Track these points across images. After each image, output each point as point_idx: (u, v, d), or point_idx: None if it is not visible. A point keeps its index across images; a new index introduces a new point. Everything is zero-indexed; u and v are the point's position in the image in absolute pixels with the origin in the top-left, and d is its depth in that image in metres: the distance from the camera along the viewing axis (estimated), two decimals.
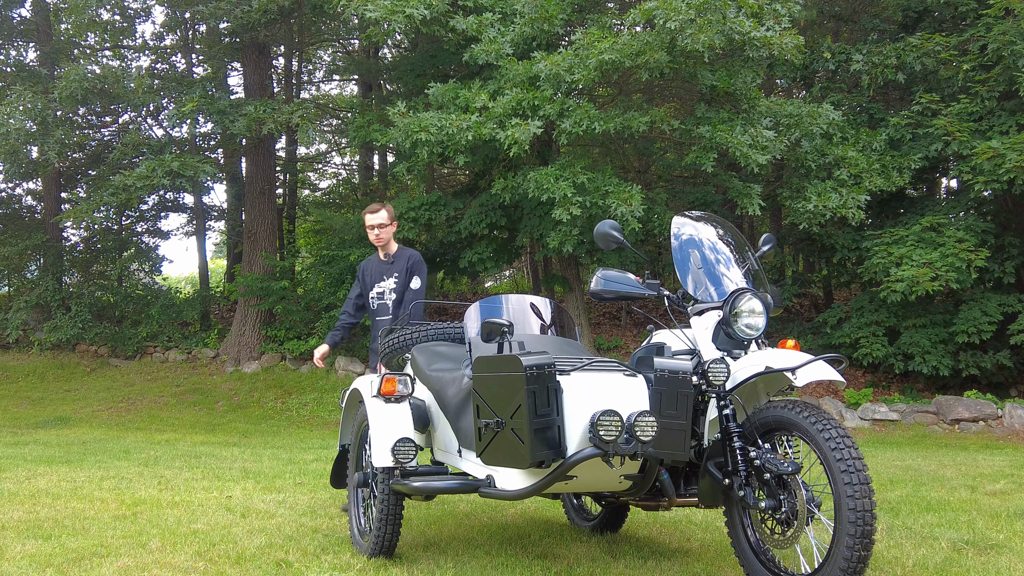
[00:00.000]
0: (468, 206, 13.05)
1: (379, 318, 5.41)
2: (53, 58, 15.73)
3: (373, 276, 5.45)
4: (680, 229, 3.78)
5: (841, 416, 11.80)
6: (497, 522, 4.94)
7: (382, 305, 5.42)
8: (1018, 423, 11.23)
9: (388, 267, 5.44)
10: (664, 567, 3.81)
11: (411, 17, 10.57)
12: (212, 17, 13.33)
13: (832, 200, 11.24)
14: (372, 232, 5.40)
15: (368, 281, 5.46)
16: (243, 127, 13.25)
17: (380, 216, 5.39)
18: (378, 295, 5.42)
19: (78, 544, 4.18)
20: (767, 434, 3.28)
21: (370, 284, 5.45)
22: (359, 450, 4.34)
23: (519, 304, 4.25)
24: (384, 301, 5.40)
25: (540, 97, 10.34)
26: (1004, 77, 11.84)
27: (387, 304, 5.39)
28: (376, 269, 5.47)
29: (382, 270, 5.45)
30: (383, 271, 5.44)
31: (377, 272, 5.45)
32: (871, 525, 2.92)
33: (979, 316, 11.97)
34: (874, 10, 14.81)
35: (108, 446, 9.44)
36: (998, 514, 5.15)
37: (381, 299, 5.41)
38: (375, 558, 3.91)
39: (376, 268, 5.47)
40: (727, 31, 9.86)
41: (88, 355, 15.95)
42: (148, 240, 19.11)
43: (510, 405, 3.13)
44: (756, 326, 3.47)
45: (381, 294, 5.41)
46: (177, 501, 5.57)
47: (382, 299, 5.41)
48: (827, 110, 11.57)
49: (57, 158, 14.07)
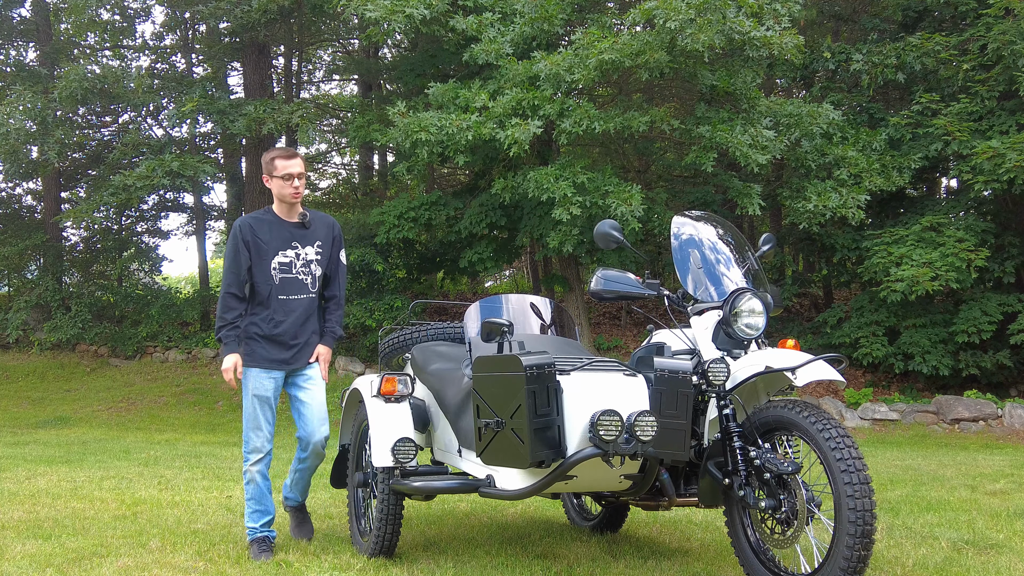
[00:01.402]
0: (468, 206, 13.05)
1: (288, 297, 4.10)
2: (53, 58, 15.74)
3: (274, 240, 4.11)
4: (680, 229, 3.78)
5: (841, 416, 11.80)
6: (497, 522, 4.94)
7: (291, 280, 4.11)
8: (1018, 423, 11.23)
9: (302, 231, 4.16)
10: (664, 567, 3.81)
11: (411, 17, 10.57)
12: (212, 17, 13.34)
13: (832, 200, 11.24)
14: (290, 184, 4.09)
15: (264, 247, 4.09)
16: (243, 127, 13.26)
17: (299, 163, 4.16)
18: (284, 266, 4.10)
19: (78, 544, 4.18)
20: (767, 434, 3.28)
21: (269, 250, 4.09)
22: (359, 450, 4.34)
23: (519, 304, 4.25)
24: (295, 275, 4.11)
25: (540, 97, 10.34)
26: (1004, 77, 11.84)
27: (303, 280, 4.13)
28: (279, 232, 4.13)
29: (291, 234, 4.14)
30: (293, 236, 4.14)
31: (281, 236, 4.13)
32: (871, 525, 2.92)
33: (979, 316, 11.97)
34: (874, 10, 14.81)
35: (108, 446, 9.44)
36: (998, 514, 5.15)
37: (289, 271, 4.11)
38: (375, 558, 3.91)
39: (279, 231, 4.13)
40: (727, 31, 9.86)
41: (88, 355, 15.95)
42: (148, 240, 19.12)
43: (510, 405, 3.13)
44: (756, 326, 3.46)
45: (288, 265, 4.11)
46: (177, 501, 5.57)
47: (290, 271, 4.11)
48: (827, 110, 11.57)
49: (57, 158, 14.07)
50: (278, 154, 4.15)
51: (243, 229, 4.13)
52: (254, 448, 4.14)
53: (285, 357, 4.12)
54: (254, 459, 4.14)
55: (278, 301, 4.09)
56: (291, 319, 4.10)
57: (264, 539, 4.09)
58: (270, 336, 4.08)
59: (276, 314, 4.09)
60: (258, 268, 4.10)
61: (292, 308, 4.11)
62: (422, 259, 15.64)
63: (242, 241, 4.09)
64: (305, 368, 4.17)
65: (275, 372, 4.11)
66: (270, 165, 4.14)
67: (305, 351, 4.16)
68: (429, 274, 16.63)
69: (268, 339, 4.08)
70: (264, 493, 4.14)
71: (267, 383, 4.11)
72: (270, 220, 4.18)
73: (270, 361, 4.10)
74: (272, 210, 4.22)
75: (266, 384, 4.11)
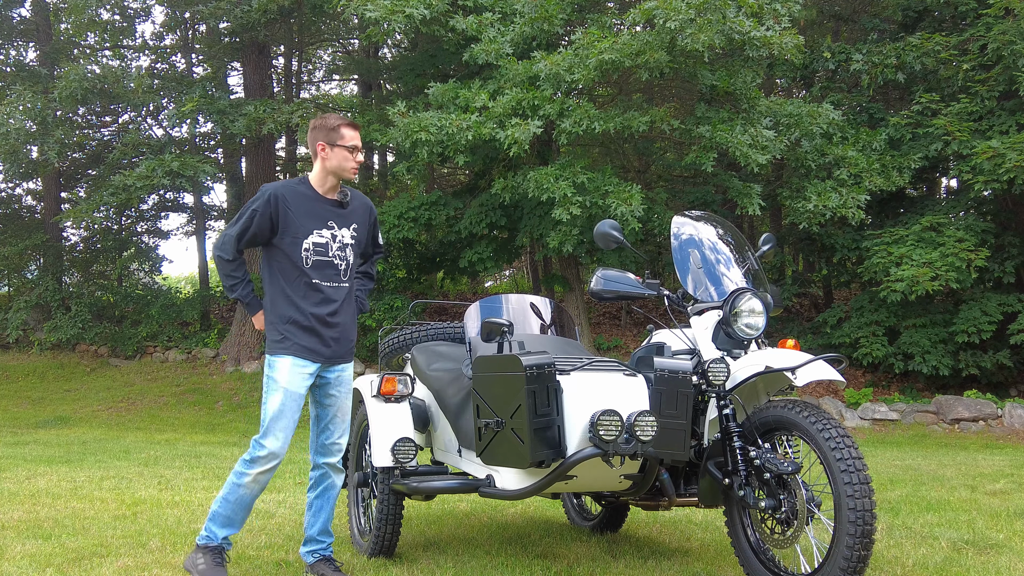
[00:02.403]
0: (468, 206, 13.05)
1: (322, 282, 3.58)
2: (53, 58, 15.74)
3: (309, 216, 3.57)
4: (680, 229, 3.78)
5: (841, 416, 11.80)
6: (497, 522, 4.94)
7: (326, 264, 3.58)
8: (1018, 423, 11.23)
9: (340, 210, 3.66)
10: (664, 567, 3.81)
11: (411, 17, 10.57)
12: (212, 17, 13.33)
13: (832, 200, 11.24)
14: (354, 158, 3.62)
15: (296, 223, 3.54)
16: (243, 127, 13.26)
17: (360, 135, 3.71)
18: (318, 248, 3.56)
19: (78, 544, 4.18)
20: (767, 434, 3.28)
21: (303, 227, 3.55)
22: (359, 450, 4.34)
23: (519, 304, 4.25)
24: (331, 258, 3.59)
25: (540, 97, 10.34)
26: (1004, 77, 11.84)
27: (338, 265, 3.61)
28: (315, 209, 3.59)
29: (328, 213, 3.62)
30: (330, 215, 3.62)
31: (318, 213, 3.59)
32: (871, 525, 2.92)
33: (979, 316, 11.97)
34: (874, 10, 14.81)
35: (108, 446, 9.44)
36: (998, 514, 5.15)
37: (324, 254, 3.58)
38: (375, 558, 3.92)
39: (315, 207, 3.59)
40: (727, 31, 9.86)
41: (88, 355, 15.96)
42: (148, 240, 19.15)
43: (510, 405, 3.13)
44: (756, 326, 3.47)
45: (323, 247, 3.57)
46: (177, 501, 5.57)
47: (325, 254, 3.58)
48: (827, 110, 11.57)
49: (57, 158, 14.07)
50: (344, 122, 3.61)
51: (276, 198, 3.53)
52: (271, 453, 3.47)
53: (323, 350, 3.57)
54: (265, 465, 3.49)
55: (312, 285, 3.55)
56: (327, 307, 3.57)
57: (221, 550, 3.55)
58: (305, 325, 3.53)
59: (308, 300, 3.54)
60: (288, 245, 3.53)
61: (328, 296, 3.57)
62: (422, 259, 15.64)
63: (270, 213, 3.52)
64: (337, 368, 3.67)
65: (313, 365, 3.55)
66: (333, 132, 3.57)
67: (342, 346, 3.65)
68: (429, 274, 16.63)
69: (303, 328, 3.53)
70: (249, 505, 3.58)
71: (303, 377, 3.53)
72: (306, 193, 3.60)
73: (309, 351, 3.53)
74: (308, 182, 3.64)
75: (302, 378, 3.53)
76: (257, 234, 3.54)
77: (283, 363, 3.51)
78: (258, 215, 3.52)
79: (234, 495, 3.53)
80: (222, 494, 3.55)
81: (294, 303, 3.54)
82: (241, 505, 3.55)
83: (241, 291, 3.61)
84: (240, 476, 3.52)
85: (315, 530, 3.71)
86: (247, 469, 3.51)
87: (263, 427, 3.50)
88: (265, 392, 3.55)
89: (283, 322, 3.54)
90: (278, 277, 3.58)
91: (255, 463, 3.49)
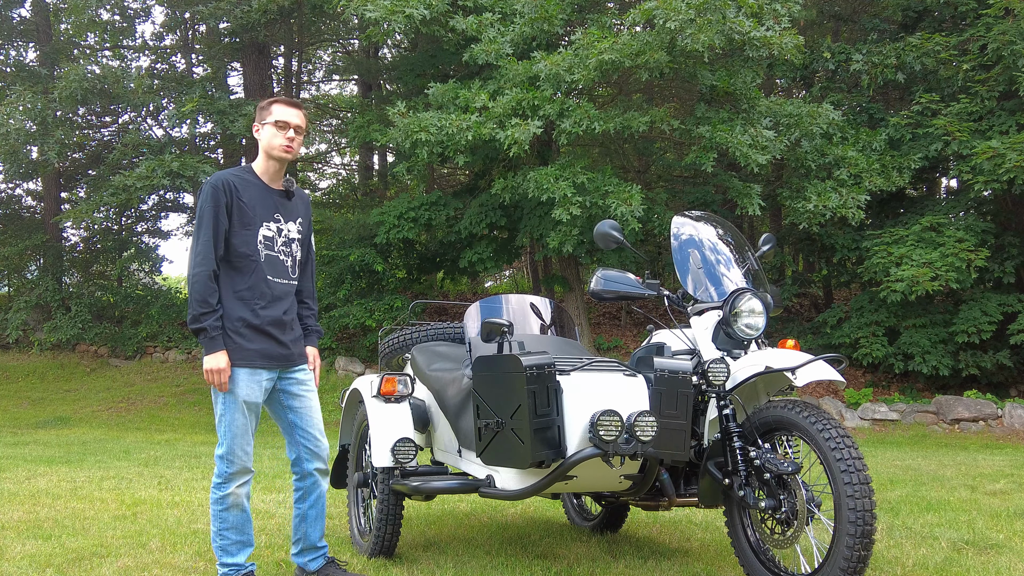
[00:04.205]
0: (468, 206, 13.05)
1: (273, 279, 3.33)
2: (53, 58, 15.75)
3: (258, 207, 3.31)
4: (680, 229, 3.78)
5: (841, 416, 11.80)
6: (497, 522, 4.94)
7: (274, 260, 3.35)
8: (1018, 423, 11.23)
9: (285, 202, 3.41)
10: (664, 567, 3.81)
11: (411, 17, 10.58)
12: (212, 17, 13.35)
13: (832, 200, 11.24)
14: (284, 134, 3.31)
15: (250, 214, 3.28)
16: (243, 127, 13.27)
17: (300, 115, 3.38)
18: (267, 241, 3.32)
19: (78, 544, 4.18)
20: (767, 434, 3.28)
21: (255, 218, 3.29)
22: (359, 450, 4.34)
23: (519, 304, 4.25)
24: (276, 253, 3.35)
25: (540, 97, 10.34)
26: (1004, 77, 11.84)
27: (284, 262, 3.38)
28: (263, 198, 3.34)
29: (274, 204, 3.37)
30: (276, 206, 3.38)
31: (265, 203, 3.34)
32: (871, 525, 2.92)
33: (979, 316, 11.97)
34: (874, 10, 14.82)
35: (108, 446, 9.44)
36: (998, 514, 5.15)
37: (271, 248, 3.33)
38: (375, 558, 3.92)
39: (263, 197, 3.34)
40: (727, 31, 9.86)
41: (88, 355, 15.96)
42: (148, 240, 19.15)
43: (510, 405, 3.13)
44: (756, 326, 3.46)
45: (271, 241, 3.33)
46: (177, 501, 5.57)
47: (272, 248, 3.33)
48: (827, 110, 11.57)
49: (57, 158, 14.09)
50: (278, 99, 3.37)
51: (222, 187, 3.22)
52: (241, 468, 3.28)
53: (281, 353, 3.34)
54: (241, 480, 3.30)
55: (265, 283, 3.29)
56: (280, 306, 3.33)
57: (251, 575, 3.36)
58: (260, 328, 3.27)
59: (262, 299, 3.28)
60: (240, 240, 3.24)
61: (279, 294, 3.33)
62: (422, 259, 15.65)
63: (224, 203, 3.21)
64: (297, 370, 3.44)
65: (268, 373, 3.32)
66: (263, 111, 3.34)
67: (298, 346, 3.44)
68: (429, 274, 16.63)
69: (258, 331, 3.27)
70: (249, 519, 3.38)
71: (258, 387, 3.30)
72: (253, 181, 3.34)
73: (263, 358, 3.29)
74: (253, 170, 3.38)
75: (257, 388, 3.30)
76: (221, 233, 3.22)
77: (239, 375, 3.25)
78: (218, 211, 3.21)
79: (229, 520, 3.31)
80: (217, 528, 3.31)
81: (246, 303, 3.26)
82: (242, 524, 3.35)
83: (212, 320, 3.19)
84: (223, 500, 3.29)
85: (315, 537, 3.57)
86: (225, 491, 3.29)
87: (228, 444, 3.26)
88: (220, 405, 3.27)
89: (236, 327, 3.24)
90: (229, 276, 3.26)
91: (231, 480, 3.29)
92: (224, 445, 3.28)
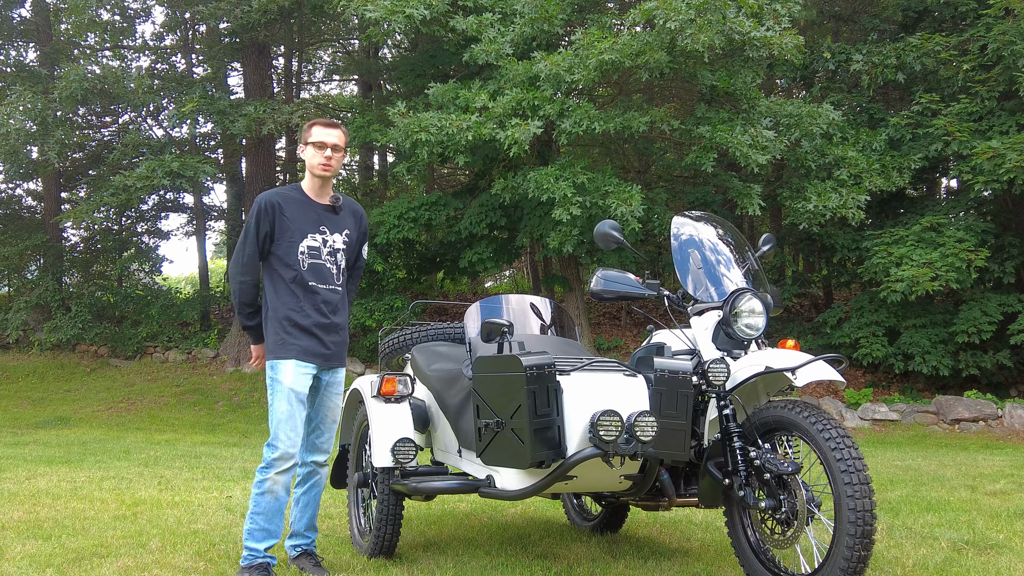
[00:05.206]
0: (468, 206, 13.06)
1: (318, 285, 3.65)
2: (53, 58, 15.75)
3: (303, 221, 3.65)
4: (680, 229, 3.77)
5: (841, 416, 11.80)
6: (497, 522, 4.94)
7: (319, 268, 3.65)
8: (1018, 423, 11.23)
9: (332, 216, 3.73)
10: (664, 567, 3.81)
11: (411, 17, 10.58)
12: (212, 17, 13.34)
13: (832, 200, 11.25)
14: (321, 153, 3.64)
15: (291, 227, 3.63)
16: (243, 127, 13.27)
17: (339, 135, 3.70)
18: (312, 251, 3.64)
19: (78, 544, 4.18)
20: (767, 434, 3.28)
21: (297, 231, 3.63)
22: (359, 450, 4.34)
23: (519, 304, 4.25)
24: (322, 262, 3.66)
25: (540, 97, 10.34)
26: (1004, 77, 11.84)
27: (329, 268, 3.68)
28: (307, 213, 3.67)
29: (319, 217, 3.70)
30: (322, 219, 3.70)
31: (310, 217, 3.68)
32: (871, 525, 2.91)
33: (979, 316, 11.97)
34: (874, 10, 14.82)
35: (108, 446, 9.44)
36: (998, 514, 5.15)
37: (316, 257, 3.64)
38: (375, 558, 3.91)
39: (307, 211, 3.68)
40: (727, 31, 9.86)
41: (88, 355, 15.96)
42: (148, 240, 19.15)
43: (510, 405, 3.13)
44: (756, 326, 3.46)
45: (316, 251, 3.65)
46: (177, 501, 5.57)
47: (318, 257, 3.65)
48: (827, 110, 11.58)
49: (57, 158, 14.08)
50: (317, 121, 3.72)
51: (267, 205, 3.61)
52: (285, 453, 3.52)
53: (324, 352, 3.66)
54: (282, 466, 3.53)
55: (309, 288, 3.62)
56: (326, 311, 3.66)
57: (266, 567, 3.53)
58: (305, 327, 3.60)
59: (307, 303, 3.62)
60: (284, 250, 3.61)
61: (324, 298, 3.66)
62: (422, 259, 15.65)
63: (266, 219, 3.60)
64: (336, 368, 3.79)
65: (313, 367, 3.64)
66: (306, 132, 3.70)
67: (340, 349, 3.76)
68: (429, 274, 16.64)
69: (303, 330, 3.60)
70: (280, 509, 3.59)
71: (306, 378, 3.61)
72: (298, 198, 3.69)
73: (309, 354, 3.61)
74: (301, 187, 3.75)
75: (305, 379, 3.60)
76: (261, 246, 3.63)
77: (286, 366, 3.59)
78: (261, 226, 3.61)
79: (262, 505, 3.55)
80: (251, 510, 3.57)
81: (293, 306, 3.62)
82: (272, 513, 3.56)
83: (257, 319, 3.71)
84: (261, 484, 3.55)
85: (302, 525, 3.83)
86: (265, 475, 3.55)
87: (273, 430, 3.56)
88: (271, 395, 3.62)
89: (284, 325, 3.61)
90: (278, 282, 3.65)
91: (271, 466, 3.54)
92: (272, 430, 3.58)
